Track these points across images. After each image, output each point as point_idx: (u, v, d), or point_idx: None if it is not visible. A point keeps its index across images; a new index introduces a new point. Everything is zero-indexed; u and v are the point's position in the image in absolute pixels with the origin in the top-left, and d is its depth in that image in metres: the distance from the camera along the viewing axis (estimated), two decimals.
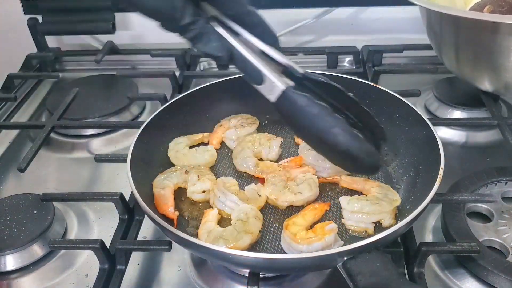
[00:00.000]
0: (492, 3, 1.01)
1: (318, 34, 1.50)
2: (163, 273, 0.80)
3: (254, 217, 0.76)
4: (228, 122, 0.99)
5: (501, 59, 0.92)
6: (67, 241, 0.82)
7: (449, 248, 0.74)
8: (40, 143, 1.00)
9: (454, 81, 1.18)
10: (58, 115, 1.10)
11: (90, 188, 1.00)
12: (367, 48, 1.34)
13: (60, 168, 1.06)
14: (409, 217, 0.67)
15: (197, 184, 0.83)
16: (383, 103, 0.95)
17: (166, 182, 0.83)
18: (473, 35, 0.93)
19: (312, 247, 0.70)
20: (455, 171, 0.95)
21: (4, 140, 1.16)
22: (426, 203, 0.69)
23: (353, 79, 1.00)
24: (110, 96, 1.23)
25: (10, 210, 0.87)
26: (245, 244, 0.72)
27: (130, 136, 1.12)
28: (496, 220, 0.83)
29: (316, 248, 0.69)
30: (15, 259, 0.81)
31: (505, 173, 0.90)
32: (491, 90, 1.03)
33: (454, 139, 1.07)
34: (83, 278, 0.80)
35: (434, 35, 1.06)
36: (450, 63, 1.06)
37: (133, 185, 0.75)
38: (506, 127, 0.99)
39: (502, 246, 0.79)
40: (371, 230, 0.76)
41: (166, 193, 0.81)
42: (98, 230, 0.89)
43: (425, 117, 0.86)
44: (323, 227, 0.72)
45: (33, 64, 1.43)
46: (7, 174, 1.05)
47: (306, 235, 0.72)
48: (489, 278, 0.74)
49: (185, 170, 0.85)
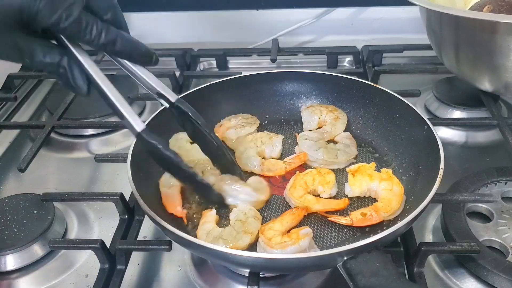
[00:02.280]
0: (491, 3, 1.01)
1: (318, 34, 1.50)
2: (163, 273, 0.80)
3: (253, 217, 0.76)
4: (228, 122, 0.99)
5: (501, 58, 0.92)
6: (67, 241, 0.82)
7: (449, 248, 0.74)
8: (40, 143, 1.00)
9: (454, 81, 1.18)
10: (58, 115, 1.10)
11: (90, 188, 1.00)
12: (367, 48, 1.34)
13: (60, 168, 1.06)
14: (409, 216, 0.68)
15: None
16: (383, 103, 0.96)
17: (173, 181, 0.83)
18: (473, 35, 0.94)
19: (286, 252, 0.69)
20: (455, 171, 0.96)
21: (4, 140, 1.16)
22: (426, 203, 0.69)
23: (353, 79, 1.00)
24: None
25: (10, 210, 0.87)
26: (244, 244, 0.72)
27: (130, 136, 1.12)
28: (496, 220, 0.83)
29: (290, 253, 0.69)
30: (15, 259, 0.81)
31: (505, 173, 0.90)
32: (491, 90, 1.03)
33: (454, 139, 1.07)
34: (83, 278, 0.80)
35: (434, 35, 1.06)
36: (450, 63, 1.06)
37: (133, 185, 0.75)
38: (506, 127, 0.99)
39: (502, 246, 0.79)
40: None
41: (173, 192, 0.82)
42: (98, 230, 0.89)
43: (425, 117, 0.87)
44: (298, 232, 0.72)
45: None
46: (7, 174, 1.05)
47: (281, 240, 0.72)
48: (489, 278, 0.74)
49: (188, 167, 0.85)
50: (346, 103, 1.01)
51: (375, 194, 0.83)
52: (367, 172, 0.84)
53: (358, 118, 1.00)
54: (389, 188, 0.81)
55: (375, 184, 0.82)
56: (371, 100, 0.98)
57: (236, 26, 1.50)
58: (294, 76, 1.04)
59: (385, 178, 0.83)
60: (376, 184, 0.82)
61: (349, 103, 1.01)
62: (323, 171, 0.86)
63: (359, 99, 1.00)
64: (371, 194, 0.84)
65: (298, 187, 0.84)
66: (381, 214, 0.77)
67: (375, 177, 0.83)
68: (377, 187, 0.82)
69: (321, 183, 0.84)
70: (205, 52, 1.40)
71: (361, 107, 1.00)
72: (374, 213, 0.78)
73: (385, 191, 0.81)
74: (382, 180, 0.82)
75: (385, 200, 0.79)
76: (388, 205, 0.78)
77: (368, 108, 0.99)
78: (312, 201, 0.82)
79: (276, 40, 1.40)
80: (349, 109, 1.01)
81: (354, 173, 0.84)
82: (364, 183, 0.83)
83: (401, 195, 0.80)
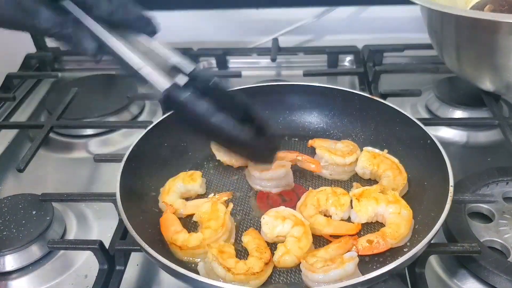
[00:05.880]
0: (492, 2, 1.01)
1: (319, 34, 1.49)
2: (162, 274, 0.80)
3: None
4: None
5: (502, 58, 0.91)
6: (66, 242, 0.82)
7: (450, 249, 0.74)
8: (39, 143, 1.00)
9: (455, 81, 1.18)
10: (57, 115, 1.10)
11: (89, 188, 1.00)
12: (367, 48, 1.34)
13: (59, 168, 1.06)
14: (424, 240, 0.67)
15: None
16: (383, 116, 0.94)
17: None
18: (474, 35, 0.93)
19: (329, 276, 0.67)
20: (456, 171, 0.95)
21: (3, 140, 1.15)
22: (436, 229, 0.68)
23: (350, 92, 0.98)
24: (110, 96, 1.22)
25: (9, 211, 0.87)
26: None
27: (130, 136, 1.12)
28: (497, 220, 0.83)
29: (333, 277, 0.66)
30: (14, 260, 0.80)
31: (506, 173, 0.89)
32: (492, 89, 1.03)
33: (455, 139, 1.07)
34: (82, 278, 0.80)
35: (435, 34, 1.06)
36: (451, 63, 1.06)
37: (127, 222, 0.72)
38: (507, 127, 0.99)
39: (503, 247, 0.79)
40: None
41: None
42: (97, 230, 0.89)
43: (429, 132, 0.85)
44: (342, 256, 0.69)
45: (32, 63, 1.43)
46: (6, 174, 1.05)
47: (324, 264, 0.68)
48: (490, 279, 0.73)
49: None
50: (342, 116, 1.00)
51: (383, 218, 0.79)
52: (372, 196, 0.79)
53: (355, 131, 0.99)
54: (397, 212, 0.77)
55: (382, 207, 0.78)
56: (369, 112, 0.97)
57: (236, 25, 1.49)
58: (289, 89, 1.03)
59: (392, 201, 0.78)
60: (383, 208, 0.78)
61: (346, 116, 1.00)
62: (338, 191, 0.82)
63: (356, 111, 0.98)
64: (378, 219, 0.80)
65: (310, 205, 0.80)
66: (389, 241, 0.74)
67: (382, 200, 0.79)
68: (384, 211, 0.78)
69: (335, 204, 0.80)
70: (205, 51, 1.40)
71: (359, 120, 0.98)
72: (381, 240, 0.74)
73: (393, 215, 0.77)
74: (389, 203, 0.78)
75: (393, 225, 0.75)
76: (396, 231, 0.74)
77: (367, 121, 0.97)
78: (322, 223, 0.78)
79: (276, 40, 1.40)
80: (345, 122, 1.00)
81: (358, 198, 0.80)
82: (370, 207, 0.79)
83: (409, 220, 0.76)
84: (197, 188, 0.87)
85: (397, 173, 0.86)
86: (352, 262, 0.67)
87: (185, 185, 0.87)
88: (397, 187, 0.83)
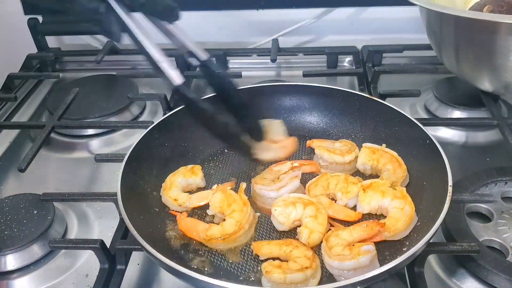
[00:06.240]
0: (491, 3, 1.01)
1: (318, 34, 1.50)
2: (163, 273, 0.80)
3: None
4: None
5: (501, 59, 0.92)
6: (67, 241, 0.82)
7: (449, 248, 0.74)
8: (40, 143, 1.00)
9: (454, 81, 1.18)
10: (58, 115, 1.10)
11: (90, 188, 1.00)
12: (367, 48, 1.34)
13: (60, 168, 1.07)
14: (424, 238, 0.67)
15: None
16: (383, 116, 0.95)
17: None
18: (473, 35, 0.93)
19: (343, 265, 0.68)
20: (455, 171, 0.95)
21: (4, 140, 1.16)
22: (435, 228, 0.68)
23: (349, 92, 0.99)
24: (110, 96, 1.23)
25: (10, 210, 0.87)
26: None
27: (131, 136, 1.12)
28: (496, 220, 0.83)
29: (347, 267, 0.68)
30: (15, 259, 0.81)
31: (505, 173, 0.90)
32: (491, 90, 1.03)
33: (454, 139, 1.07)
34: (83, 278, 0.80)
35: (434, 35, 1.06)
36: (450, 63, 1.06)
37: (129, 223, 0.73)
38: (506, 127, 0.99)
39: (502, 246, 0.79)
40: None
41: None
42: (98, 230, 0.89)
43: (428, 132, 0.85)
44: (360, 247, 0.70)
45: (33, 64, 1.43)
46: (7, 174, 1.05)
47: (341, 252, 0.69)
48: (489, 278, 0.74)
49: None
50: (342, 116, 1.01)
51: (386, 211, 0.80)
52: (380, 189, 0.80)
53: (355, 131, 0.99)
54: (400, 207, 0.77)
55: (387, 201, 0.79)
56: (368, 113, 0.97)
57: (236, 26, 1.50)
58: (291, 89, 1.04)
59: (398, 196, 0.79)
60: (387, 201, 0.79)
61: (345, 116, 1.00)
62: (350, 179, 0.83)
63: (355, 111, 0.99)
64: (383, 212, 0.81)
65: (319, 186, 0.83)
66: (383, 234, 0.74)
67: (388, 194, 0.79)
68: (388, 205, 0.79)
69: (342, 190, 0.82)
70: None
71: (358, 120, 0.99)
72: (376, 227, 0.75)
73: (395, 209, 0.77)
74: (395, 197, 0.78)
75: (392, 219, 0.76)
76: (393, 225, 0.74)
77: (366, 121, 0.98)
78: (324, 204, 0.79)
79: (276, 40, 1.40)
80: (345, 122, 1.00)
81: (365, 189, 0.81)
82: (374, 200, 0.79)
83: (409, 217, 0.76)
84: (199, 181, 0.88)
85: (396, 166, 0.87)
86: (367, 256, 0.68)
87: (186, 179, 0.87)
88: (398, 180, 0.84)
